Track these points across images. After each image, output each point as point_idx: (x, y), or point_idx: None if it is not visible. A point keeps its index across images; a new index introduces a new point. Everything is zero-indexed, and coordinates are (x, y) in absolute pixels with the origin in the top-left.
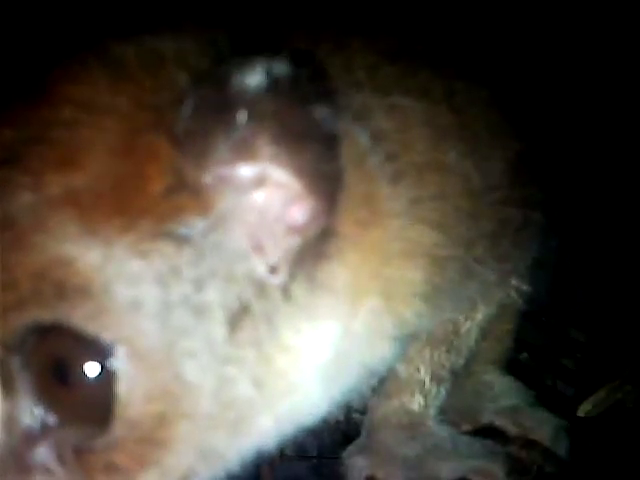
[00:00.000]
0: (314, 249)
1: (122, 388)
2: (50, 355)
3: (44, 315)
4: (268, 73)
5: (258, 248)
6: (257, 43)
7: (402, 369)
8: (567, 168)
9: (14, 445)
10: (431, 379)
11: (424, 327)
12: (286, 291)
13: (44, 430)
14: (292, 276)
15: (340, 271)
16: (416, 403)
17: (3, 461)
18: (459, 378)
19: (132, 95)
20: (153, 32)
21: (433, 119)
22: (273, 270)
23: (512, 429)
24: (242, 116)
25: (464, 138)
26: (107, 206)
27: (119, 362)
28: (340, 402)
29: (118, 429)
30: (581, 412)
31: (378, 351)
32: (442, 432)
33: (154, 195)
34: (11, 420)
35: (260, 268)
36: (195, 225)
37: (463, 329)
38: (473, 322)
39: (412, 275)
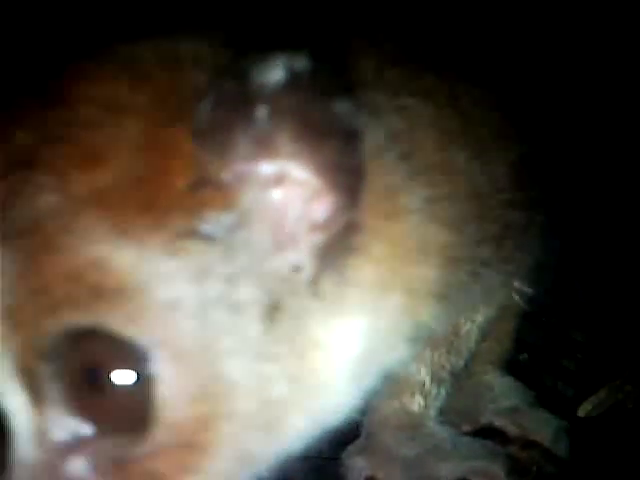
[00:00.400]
0: (340, 244)
1: (162, 391)
2: (84, 361)
3: (80, 319)
4: (288, 68)
5: (282, 245)
6: (275, 41)
7: (403, 370)
8: (567, 169)
9: (47, 459)
10: (431, 380)
11: (434, 330)
12: (315, 287)
13: (78, 441)
14: (320, 272)
15: (366, 266)
16: (416, 404)
17: (36, 474)
18: (459, 379)
19: (152, 93)
20: (167, 33)
21: (441, 122)
22: (298, 267)
23: (512, 429)
24: (262, 112)
25: (470, 141)
26: (134, 204)
27: (158, 365)
28: (359, 403)
29: (158, 435)
30: (581, 412)
31: (396, 352)
32: (442, 433)
33: (179, 191)
34: (42, 433)
35: (286, 265)
36: (220, 221)
37: (463, 330)
38: (473, 324)
39: (428, 273)
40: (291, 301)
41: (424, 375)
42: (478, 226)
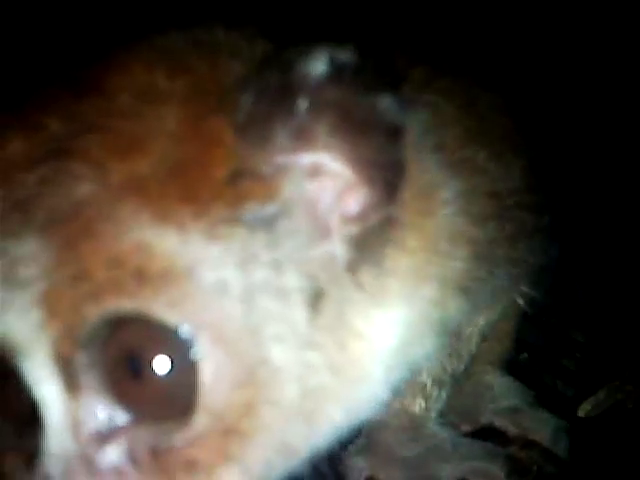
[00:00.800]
0: (378, 236)
1: (206, 376)
2: (125, 348)
3: (123, 304)
4: (332, 61)
5: (318, 235)
6: (315, 34)
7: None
8: (568, 170)
9: (81, 448)
10: (432, 382)
11: (457, 324)
12: (355, 277)
13: (114, 430)
14: (358, 262)
15: (403, 257)
16: (417, 405)
17: (70, 465)
18: (459, 380)
19: (191, 82)
20: (201, 25)
21: (462, 122)
22: (333, 257)
23: (512, 429)
24: (303, 104)
25: (487, 142)
26: (175, 192)
27: (202, 350)
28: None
29: (199, 422)
30: (581, 412)
31: (424, 345)
32: (442, 434)
33: (219, 181)
34: (76, 422)
35: (325, 255)
36: (261, 212)
37: (465, 334)
38: (475, 328)
39: (456, 265)
40: (333, 290)
41: (425, 377)
42: (495, 225)
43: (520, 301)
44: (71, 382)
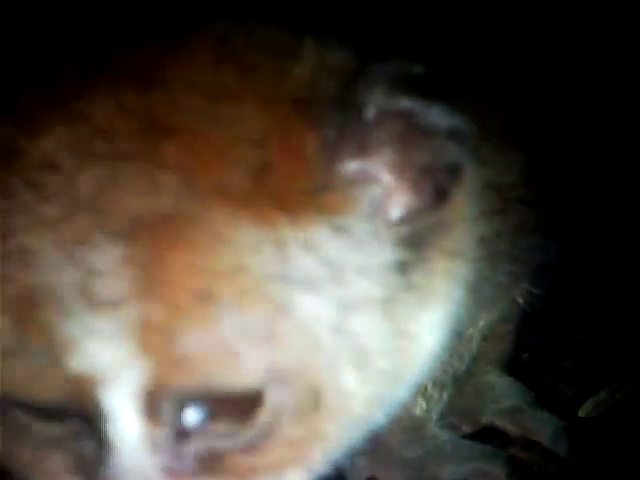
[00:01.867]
0: (425, 239)
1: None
2: None
3: None
4: (398, 73)
5: (376, 240)
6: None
7: None
8: (567, 168)
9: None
10: (433, 384)
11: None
12: (408, 278)
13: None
14: (410, 264)
15: (444, 260)
16: (418, 407)
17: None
18: (460, 381)
19: (260, 83)
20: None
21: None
22: (384, 262)
23: (512, 430)
24: (369, 114)
25: (491, 135)
26: (265, 201)
27: None
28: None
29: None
30: (582, 413)
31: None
32: (443, 435)
33: (304, 192)
34: (154, 445)
35: (384, 259)
36: (343, 223)
37: (465, 335)
38: (475, 329)
39: (473, 264)
40: (394, 295)
41: (426, 379)
42: (499, 219)
43: (520, 300)
44: (153, 416)
